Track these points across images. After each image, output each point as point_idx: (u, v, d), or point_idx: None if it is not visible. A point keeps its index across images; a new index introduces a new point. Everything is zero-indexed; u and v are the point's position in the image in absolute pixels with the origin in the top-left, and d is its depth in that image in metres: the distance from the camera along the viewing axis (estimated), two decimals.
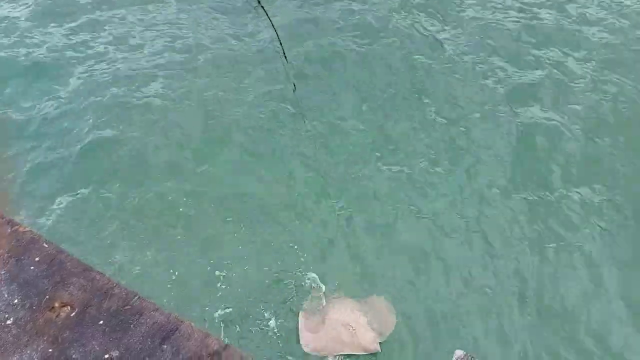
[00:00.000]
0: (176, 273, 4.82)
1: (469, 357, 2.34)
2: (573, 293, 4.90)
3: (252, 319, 4.57)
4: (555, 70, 6.92)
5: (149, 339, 2.37)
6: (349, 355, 4.48)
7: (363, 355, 4.49)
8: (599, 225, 5.40)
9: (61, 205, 5.30)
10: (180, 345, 2.37)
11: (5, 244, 2.62)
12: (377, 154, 5.96)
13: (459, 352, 2.36)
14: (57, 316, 2.41)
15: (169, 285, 4.71)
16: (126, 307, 2.46)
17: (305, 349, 4.42)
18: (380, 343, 4.51)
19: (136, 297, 2.50)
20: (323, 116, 6.31)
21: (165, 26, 7.37)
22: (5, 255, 2.58)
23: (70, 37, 7.16)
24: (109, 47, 7.02)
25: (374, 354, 4.47)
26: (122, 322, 2.41)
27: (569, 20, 7.65)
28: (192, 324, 2.44)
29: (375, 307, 4.79)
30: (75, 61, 6.82)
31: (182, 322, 2.44)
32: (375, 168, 5.85)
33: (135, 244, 4.96)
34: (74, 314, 2.42)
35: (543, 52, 7.16)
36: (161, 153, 5.85)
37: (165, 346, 2.36)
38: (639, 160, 5.99)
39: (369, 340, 4.49)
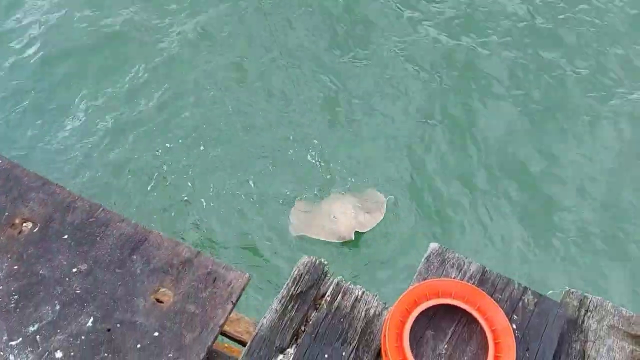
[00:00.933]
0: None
1: (444, 249, 2.33)
2: None
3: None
4: None
5: (117, 251, 2.32)
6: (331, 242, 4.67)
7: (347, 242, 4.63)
8: None
9: None
10: (150, 255, 2.32)
11: None
12: None
13: (433, 245, 2.34)
14: (19, 233, 2.32)
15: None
16: (91, 220, 2.38)
17: (291, 230, 4.79)
18: (360, 233, 4.65)
19: (100, 209, 2.41)
20: None
21: None
22: None
23: None
24: None
25: (350, 242, 4.62)
26: (87, 235, 2.34)
27: None
28: (161, 233, 2.37)
29: (368, 200, 4.93)
30: None
31: (150, 232, 2.37)
32: None
33: None
34: (36, 229, 2.33)
35: None
36: None
37: (134, 256, 2.31)
38: None
39: (345, 229, 4.65)
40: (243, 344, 2.62)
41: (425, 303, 2.09)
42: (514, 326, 2.14)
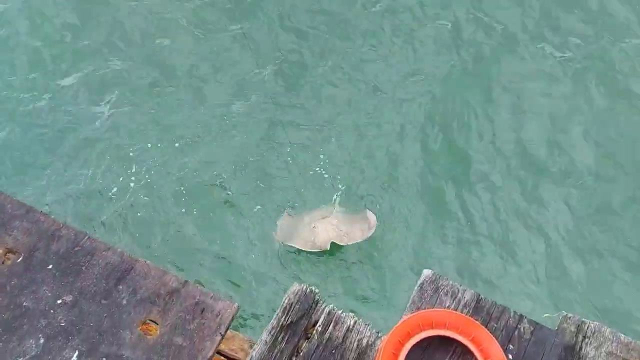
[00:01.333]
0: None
1: (437, 276, 2.27)
2: None
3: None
4: None
5: (103, 281, 2.26)
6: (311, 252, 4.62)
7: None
8: None
9: None
10: (137, 285, 2.26)
11: None
12: None
13: (427, 272, 2.29)
14: (2, 263, 2.27)
15: None
16: (76, 249, 2.32)
17: (275, 237, 4.85)
18: (339, 245, 4.59)
19: (86, 237, 2.35)
20: None
21: None
22: None
23: None
24: None
25: (327, 252, 4.68)
26: (73, 264, 2.28)
27: None
28: (148, 262, 2.32)
29: (358, 217, 4.87)
30: None
31: (136, 260, 2.32)
32: None
33: None
34: (20, 259, 2.28)
35: None
36: None
37: (121, 287, 2.25)
38: None
39: (322, 239, 4.62)
40: None
41: (418, 335, 2.04)
42: (510, 357, 2.09)
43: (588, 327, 2.27)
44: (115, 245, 2.37)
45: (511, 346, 2.12)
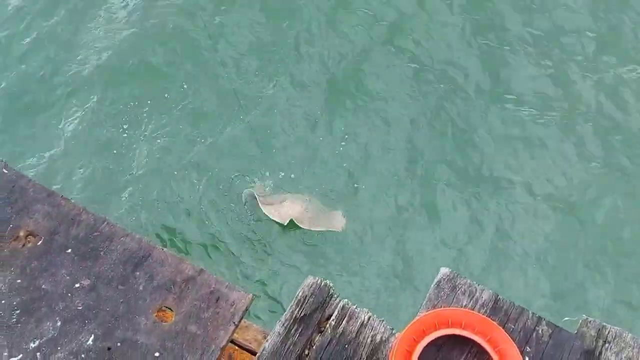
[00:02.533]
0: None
1: (455, 275, 2.24)
2: None
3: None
4: None
5: (120, 266, 2.28)
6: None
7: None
8: None
9: None
10: (154, 272, 2.27)
11: None
12: None
13: (444, 270, 2.26)
14: (23, 246, 2.30)
15: None
16: (95, 234, 2.34)
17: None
18: (297, 226, 4.83)
19: (105, 223, 2.37)
20: None
21: None
22: None
23: None
24: None
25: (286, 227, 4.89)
26: (91, 249, 2.30)
27: None
28: (165, 249, 2.33)
29: (328, 213, 4.95)
30: None
31: (154, 247, 2.33)
32: None
33: None
34: (40, 242, 2.31)
35: None
36: None
37: (138, 273, 2.27)
38: None
39: (284, 213, 4.90)
40: (250, 351, 2.59)
41: (434, 333, 2.01)
42: (527, 359, 2.05)
43: (609, 332, 2.21)
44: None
45: (528, 348, 2.08)
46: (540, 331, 2.12)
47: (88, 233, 2.34)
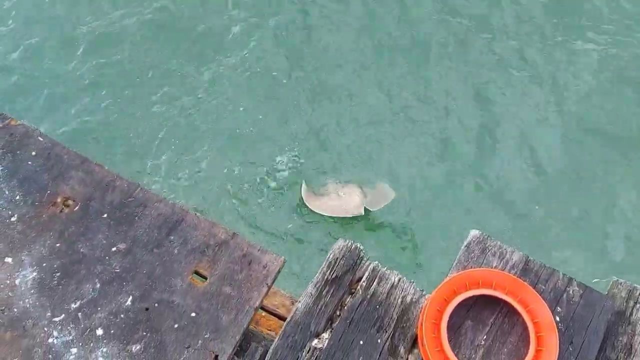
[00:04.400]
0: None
1: (485, 237, 2.25)
2: None
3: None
4: None
5: (155, 231, 2.33)
6: (343, 218, 4.70)
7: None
8: None
9: None
10: (188, 236, 2.33)
11: None
12: None
13: (474, 232, 2.27)
14: (60, 211, 2.36)
15: None
16: (129, 200, 2.40)
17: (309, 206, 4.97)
18: (369, 211, 4.67)
19: (138, 189, 2.42)
20: None
21: None
22: (0, 151, 2.48)
23: None
24: None
25: (360, 218, 4.80)
26: (126, 214, 2.36)
27: None
28: (198, 214, 2.38)
29: (376, 187, 4.95)
30: None
31: (187, 212, 2.38)
32: None
33: None
34: (77, 208, 2.37)
35: None
36: None
37: (172, 237, 2.32)
38: None
39: (354, 205, 4.67)
40: (278, 316, 2.65)
41: (464, 293, 2.03)
42: (557, 319, 2.07)
43: (639, 293, 2.21)
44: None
45: (559, 309, 2.09)
46: (571, 292, 2.13)
47: (123, 198, 2.40)
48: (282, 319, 2.63)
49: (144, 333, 2.12)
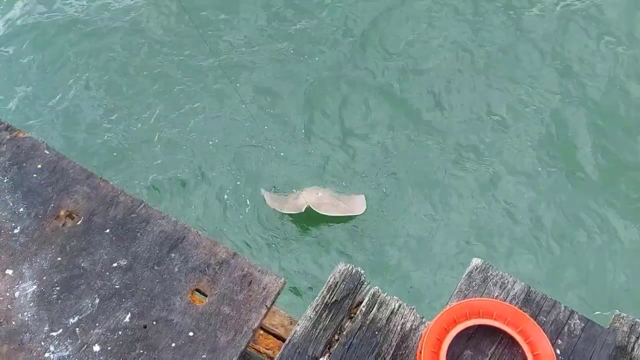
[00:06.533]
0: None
1: (487, 265, 2.24)
2: None
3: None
4: None
5: (156, 248, 2.33)
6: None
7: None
8: None
9: None
10: (189, 254, 2.33)
11: (5, 150, 2.53)
12: None
13: (476, 261, 2.26)
14: (63, 225, 2.37)
15: None
16: (132, 215, 2.40)
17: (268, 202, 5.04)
18: (318, 213, 4.80)
19: (142, 205, 2.43)
20: None
21: None
22: (7, 162, 2.50)
23: None
24: None
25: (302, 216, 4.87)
26: (128, 230, 2.37)
27: None
28: (200, 232, 2.38)
29: (346, 198, 5.02)
30: None
31: (189, 230, 2.38)
32: None
33: None
34: (80, 222, 2.38)
35: None
36: None
37: (173, 254, 2.32)
38: None
39: (300, 203, 4.84)
40: (276, 336, 2.63)
41: (464, 322, 2.02)
42: (558, 352, 2.05)
43: None
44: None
45: (560, 341, 2.07)
46: (572, 325, 2.11)
47: (126, 214, 2.40)
48: (280, 338, 2.62)
49: (141, 351, 2.11)
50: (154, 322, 2.17)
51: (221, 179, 5.21)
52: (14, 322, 2.14)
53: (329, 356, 2.10)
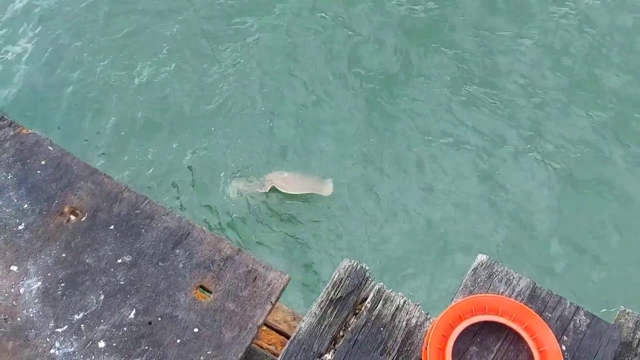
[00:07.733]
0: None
1: (492, 262, 2.23)
2: None
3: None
4: None
5: (161, 244, 2.33)
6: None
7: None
8: None
9: None
10: (193, 250, 2.32)
11: (8, 147, 2.52)
12: None
13: (481, 257, 2.25)
14: (67, 221, 2.37)
15: None
16: (136, 212, 2.40)
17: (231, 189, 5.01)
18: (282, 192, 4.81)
19: (146, 201, 2.42)
20: None
21: None
22: (10, 159, 2.50)
23: None
24: None
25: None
26: (133, 226, 2.36)
27: None
28: (204, 228, 2.37)
29: (312, 179, 5.04)
30: None
31: (193, 226, 2.37)
32: None
33: None
34: (84, 218, 2.37)
35: None
36: None
37: (177, 251, 2.32)
38: None
39: (265, 182, 4.89)
40: (279, 332, 2.63)
41: (470, 319, 2.01)
42: (564, 348, 2.04)
43: None
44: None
45: (565, 337, 2.07)
46: (577, 321, 2.10)
47: (130, 210, 2.40)
48: (283, 334, 2.62)
49: (146, 347, 2.11)
50: (159, 319, 2.17)
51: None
52: (19, 319, 2.14)
53: (334, 352, 2.10)
